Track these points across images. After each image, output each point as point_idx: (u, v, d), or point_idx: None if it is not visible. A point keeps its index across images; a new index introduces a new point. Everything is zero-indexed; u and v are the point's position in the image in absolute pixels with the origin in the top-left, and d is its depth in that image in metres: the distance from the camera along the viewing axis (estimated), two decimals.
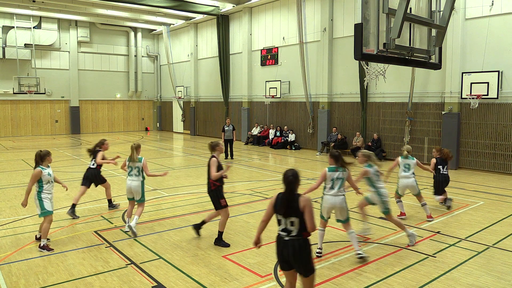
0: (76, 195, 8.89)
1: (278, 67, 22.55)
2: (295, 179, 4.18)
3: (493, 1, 13.96)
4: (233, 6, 24.17)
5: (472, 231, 7.81)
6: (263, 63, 23.60)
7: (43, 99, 29.34)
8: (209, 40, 28.09)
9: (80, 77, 30.86)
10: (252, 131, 23.78)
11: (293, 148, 21.24)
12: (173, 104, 32.79)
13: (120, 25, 31.58)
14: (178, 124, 32.27)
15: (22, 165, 15.78)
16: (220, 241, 7.05)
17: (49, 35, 29.01)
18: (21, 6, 25.36)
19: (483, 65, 14.13)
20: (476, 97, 13.97)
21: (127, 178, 7.71)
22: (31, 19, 28.08)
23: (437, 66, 6.61)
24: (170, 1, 23.19)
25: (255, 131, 23.54)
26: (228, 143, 17.40)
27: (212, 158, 7.00)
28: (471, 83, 14.08)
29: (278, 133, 22.25)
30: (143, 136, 29.27)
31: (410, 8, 5.42)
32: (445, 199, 9.46)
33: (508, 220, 8.58)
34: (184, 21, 28.95)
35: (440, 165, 9.51)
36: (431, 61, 6.40)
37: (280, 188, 4.28)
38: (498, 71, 13.66)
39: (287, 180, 4.17)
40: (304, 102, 20.75)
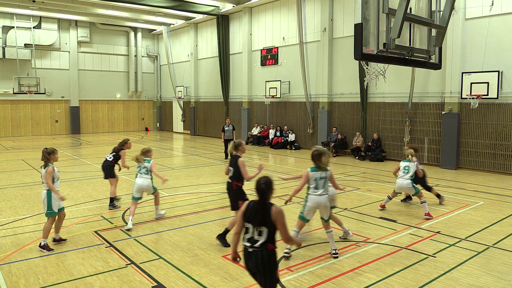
0: (111, 190, 9.52)
1: (278, 67, 22.56)
2: (268, 188, 4.01)
3: (493, 1, 13.96)
4: (233, 6, 24.18)
5: (472, 231, 7.81)
6: (263, 63, 23.60)
7: (43, 99, 29.34)
8: (209, 40, 28.10)
9: (80, 77, 30.86)
10: (252, 131, 23.78)
11: (293, 148, 21.25)
12: (173, 104, 32.80)
13: (120, 25, 31.59)
14: (178, 124, 32.27)
15: (22, 165, 15.78)
16: (223, 239, 6.97)
17: (49, 35, 29.01)
18: (21, 6, 25.36)
19: (483, 65, 14.13)
20: (476, 97, 13.97)
21: (137, 177, 8.22)
22: (31, 19, 28.08)
23: (437, 66, 6.61)
24: (170, 1, 23.19)
25: (255, 131, 23.55)
26: (228, 143, 17.36)
27: (240, 159, 6.86)
28: (471, 83, 14.08)
29: (278, 133, 22.25)
30: (143, 136, 29.27)
31: (410, 8, 5.43)
32: (438, 195, 9.83)
33: (508, 220, 8.58)
34: (184, 21, 28.95)
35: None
36: (431, 61, 6.41)
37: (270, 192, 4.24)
38: (498, 71, 13.66)
39: (260, 189, 4.00)
40: (304, 102, 20.75)
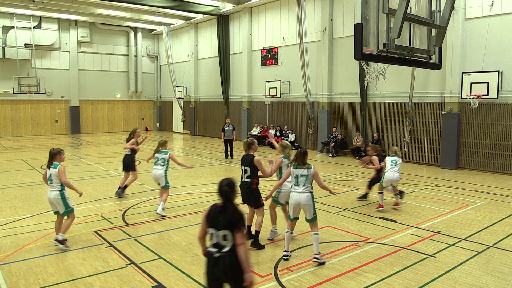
0: (129, 179, 10.31)
1: (278, 67, 22.56)
2: (230, 189, 3.85)
3: (493, 1, 13.96)
4: (233, 6, 24.17)
5: (472, 231, 7.81)
6: (263, 63, 23.60)
7: (43, 99, 29.34)
8: (209, 40, 28.10)
9: (80, 77, 30.86)
10: (252, 131, 23.77)
11: (293, 148, 21.22)
12: (173, 104, 32.79)
13: (120, 25, 31.58)
14: (178, 124, 32.27)
15: (22, 165, 15.78)
16: (257, 243, 6.83)
17: (49, 35, 29.01)
18: (21, 6, 25.35)
19: (483, 65, 14.13)
20: (476, 97, 13.97)
21: (153, 168, 9.02)
22: (31, 19, 28.07)
23: (437, 66, 6.61)
24: (170, 1, 23.18)
25: (255, 131, 23.54)
26: (228, 143, 17.42)
27: (255, 158, 6.84)
28: (471, 83, 14.08)
29: (278, 133, 22.25)
30: (143, 136, 29.22)
31: (410, 8, 5.43)
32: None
33: (508, 220, 8.58)
34: (184, 21, 28.95)
35: (382, 161, 9.53)
36: (431, 61, 6.41)
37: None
38: (498, 71, 13.66)
39: (222, 191, 3.84)
40: (304, 102, 20.75)
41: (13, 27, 27.48)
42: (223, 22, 25.52)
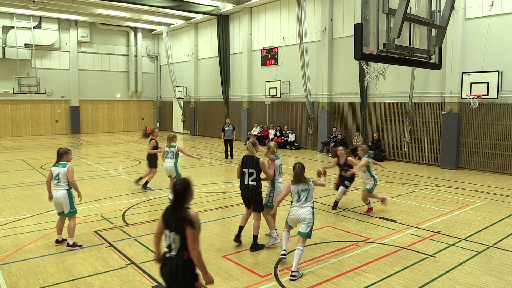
0: (148, 177, 11.25)
1: (278, 67, 22.56)
2: (184, 190, 3.71)
3: (493, 1, 13.96)
4: (233, 6, 24.17)
5: (472, 231, 7.81)
6: (263, 63, 23.60)
7: (43, 99, 29.34)
8: (209, 40, 28.10)
9: (80, 77, 30.86)
10: (252, 131, 23.77)
11: (293, 148, 21.24)
12: (173, 104, 32.79)
13: (120, 25, 31.58)
14: (178, 124, 32.27)
15: (22, 165, 15.78)
16: (256, 245, 6.80)
17: (49, 35, 29.00)
18: (21, 6, 25.35)
19: (483, 65, 14.13)
20: (476, 97, 13.97)
21: (164, 162, 10.02)
22: (31, 19, 28.07)
23: (437, 66, 6.61)
24: (170, 1, 23.18)
25: (255, 131, 23.54)
26: (228, 143, 17.42)
27: (261, 160, 6.77)
28: (471, 83, 14.07)
29: (278, 133, 22.25)
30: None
31: (410, 8, 5.43)
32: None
33: (508, 220, 8.58)
34: (184, 21, 28.94)
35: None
36: (431, 61, 6.41)
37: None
38: (498, 71, 13.66)
39: (175, 190, 3.71)
40: (304, 102, 20.75)
41: (13, 27, 27.48)
42: (223, 22, 25.52)
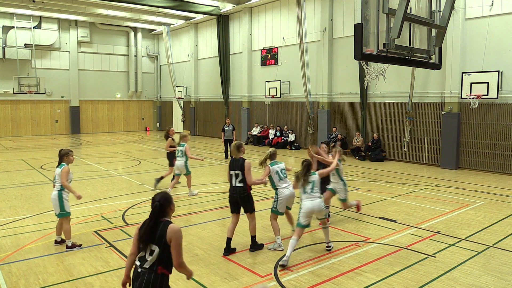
0: (165, 173, 11.76)
1: (278, 67, 22.56)
2: (162, 206, 3.68)
3: (493, 1, 13.96)
4: (233, 6, 24.17)
5: (472, 231, 7.80)
6: (263, 63, 23.60)
7: (43, 99, 29.34)
8: (209, 40, 28.10)
9: (80, 77, 30.86)
10: (252, 131, 23.78)
11: (293, 148, 21.24)
12: (173, 104, 32.79)
13: (120, 25, 31.58)
14: (178, 124, 32.25)
15: (22, 165, 15.78)
16: (255, 245, 6.85)
17: (49, 35, 29.01)
18: (21, 6, 25.35)
19: (483, 65, 14.13)
20: (476, 97, 13.97)
21: (177, 160, 10.67)
22: (31, 19, 28.07)
23: (437, 66, 6.60)
24: (170, 1, 23.18)
25: (255, 131, 23.55)
26: (228, 143, 17.42)
27: (246, 161, 6.80)
28: (471, 83, 14.07)
29: (278, 133, 22.25)
30: (143, 136, 29.27)
31: (410, 8, 5.42)
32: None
33: (508, 220, 8.58)
34: (184, 21, 28.94)
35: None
36: (431, 61, 6.40)
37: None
38: (498, 71, 13.66)
39: (153, 205, 3.69)
40: (304, 102, 20.75)
41: (13, 27, 27.48)
42: (223, 22, 25.52)
